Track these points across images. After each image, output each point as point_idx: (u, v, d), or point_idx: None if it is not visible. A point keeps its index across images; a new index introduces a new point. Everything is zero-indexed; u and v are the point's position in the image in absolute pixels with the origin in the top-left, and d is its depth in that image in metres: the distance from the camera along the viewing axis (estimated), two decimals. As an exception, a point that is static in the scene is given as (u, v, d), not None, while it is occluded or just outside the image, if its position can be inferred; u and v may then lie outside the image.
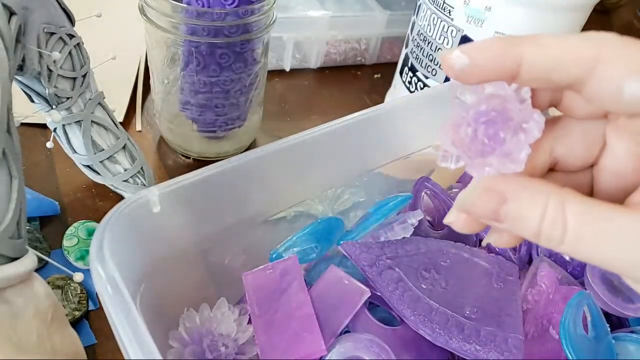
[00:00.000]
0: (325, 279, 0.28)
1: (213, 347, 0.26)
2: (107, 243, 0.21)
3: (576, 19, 0.40)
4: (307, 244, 0.30)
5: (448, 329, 0.25)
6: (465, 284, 0.28)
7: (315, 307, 0.26)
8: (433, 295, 0.27)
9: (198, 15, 0.37)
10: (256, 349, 0.26)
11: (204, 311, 0.27)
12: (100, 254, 0.21)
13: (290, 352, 0.25)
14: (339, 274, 0.28)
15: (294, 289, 0.27)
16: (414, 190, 0.35)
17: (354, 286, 0.27)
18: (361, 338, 0.25)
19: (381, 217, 0.32)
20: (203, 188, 0.26)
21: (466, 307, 0.27)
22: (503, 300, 0.28)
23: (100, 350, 0.32)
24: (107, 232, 0.22)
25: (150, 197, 0.24)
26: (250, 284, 0.27)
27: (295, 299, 0.27)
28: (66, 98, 0.35)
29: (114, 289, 0.20)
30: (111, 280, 0.21)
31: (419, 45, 0.45)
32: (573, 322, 0.26)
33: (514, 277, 0.30)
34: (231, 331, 0.26)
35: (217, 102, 0.42)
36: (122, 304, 0.20)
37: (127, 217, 0.23)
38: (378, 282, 0.27)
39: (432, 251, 0.29)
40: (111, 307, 0.20)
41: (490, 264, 0.30)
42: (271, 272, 0.28)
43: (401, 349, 0.26)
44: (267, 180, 0.29)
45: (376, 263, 0.28)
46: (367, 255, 0.28)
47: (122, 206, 0.23)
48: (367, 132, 0.32)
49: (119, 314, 0.20)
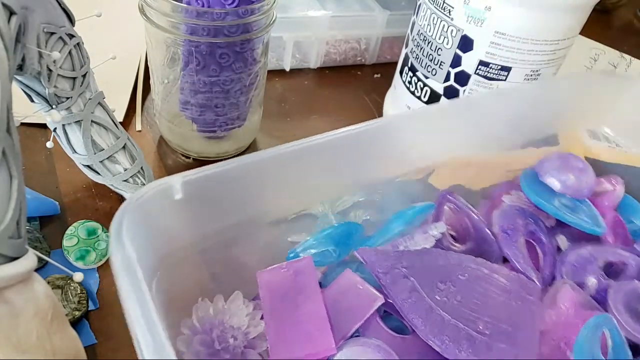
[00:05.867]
0: (339, 282, 0.28)
1: (222, 338, 0.26)
2: (127, 226, 0.21)
3: (576, 18, 0.40)
4: (324, 246, 0.30)
5: (458, 342, 0.25)
6: (482, 299, 0.28)
7: (328, 309, 0.26)
8: (446, 307, 0.26)
9: (198, 15, 0.37)
10: (266, 344, 0.26)
11: (218, 302, 0.27)
12: (119, 236, 0.21)
13: (299, 349, 0.25)
14: (354, 279, 0.28)
15: (308, 289, 0.27)
16: (437, 203, 0.34)
17: (368, 292, 0.27)
18: (369, 342, 0.25)
19: (402, 225, 0.32)
20: (226, 180, 0.26)
21: (480, 322, 0.26)
22: (520, 318, 0.27)
23: (100, 350, 0.32)
24: (127, 214, 0.22)
25: (173, 183, 0.24)
26: (264, 282, 0.28)
27: (308, 299, 0.27)
28: (66, 98, 0.35)
29: (130, 273, 0.20)
30: (127, 262, 0.21)
31: (419, 45, 0.45)
32: (589, 345, 0.25)
33: (534, 297, 0.29)
34: (242, 324, 0.27)
35: (217, 102, 0.42)
36: (137, 290, 0.20)
37: (149, 202, 0.23)
38: (391, 290, 0.27)
39: (450, 264, 0.29)
40: (125, 290, 0.20)
41: (510, 281, 0.29)
42: (285, 271, 0.28)
43: (409, 358, 0.26)
44: (290, 179, 0.29)
45: (391, 271, 0.27)
46: (382, 262, 0.28)
47: (144, 190, 0.23)
48: (390, 138, 0.31)
49: (132, 299, 0.20)
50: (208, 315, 0.27)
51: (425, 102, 0.46)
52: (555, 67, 0.43)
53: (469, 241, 0.34)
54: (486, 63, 0.41)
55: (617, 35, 0.80)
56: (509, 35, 0.39)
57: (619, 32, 0.82)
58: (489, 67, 0.41)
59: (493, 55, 0.41)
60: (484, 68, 0.42)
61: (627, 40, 0.74)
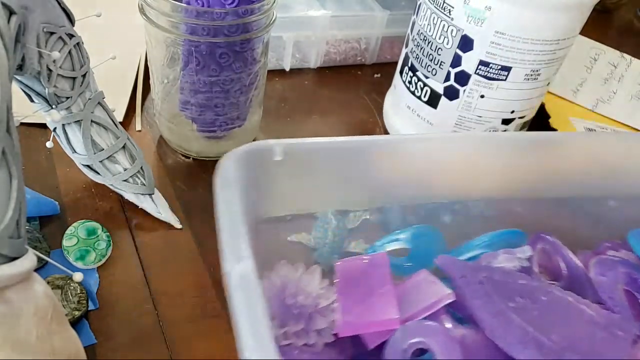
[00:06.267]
0: (413, 278, 0.29)
1: (293, 297, 0.27)
2: (233, 174, 0.23)
3: (576, 18, 0.40)
4: (401, 244, 0.32)
5: (525, 343, 0.24)
6: (561, 321, 0.26)
7: (398, 298, 0.27)
8: (519, 312, 0.25)
9: (198, 15, 0.37)
10: (333, 315, 0.27)
11: (299, 268, 0.29)
12: (226, 182, 0.22)
13: (366, 317, 0.26)
14: (428, 276, 0.28)
15: (380, 276, 0.28)
16: (530, 243, 0.33)
17: (440, 287, 0.27)
18: (432, 325, 0.26)
19: (487, 244, 0.31)
20: (321, 157, 0.28)
21: (554, 334, 0.25)
22: (603, 348, 0.25)
23: (100, 350, 0.32)
24: (232, 163, 0.23)
25: (274, 146, 0.25)
26: (341, 269, 0.29)
27: (380, 283, 0.28)
28: (66, 98, 0.35)
29: (233, 222, 0.21)
30: (232, 210, 0.22)
31: (419, 44, 0.45)
32: None
33: (625, 334, 0.26)
34: (314, 291, 0.28)
35: (216, 101, 0.42)
36: (238, 238, 0.21)
37: (250, 155, 0.24)
38: (466, 291, 0.27)
39: (532, 285, 0.28)
40: (227, 236, 0.21)
41: (599, 315, 0.27)
42: (362, 262, 0.29)
43: (468, 352, 0.26)
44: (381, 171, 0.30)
45: (469, 277, 0.27)
46: (460, 268, 0.28)
47: (246, 146, 0.24)
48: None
49: (231, 239, 0.21)
50: (286, 273, 0.29)
51: (426, 102, 0.46)
52: (556, 67, 0.43)
53: (560, 280, 0.32)
54: (486, 63, 0.41)
55: (617, 35, 0.80)
56: (509, 35, 0.39)
57: (619, 32, 0.82)
58: (489, 67, 0.41)
59: (493, 55, 0.41)
60: (484, 68, 0.42)
61: (627, 40, 0.74)
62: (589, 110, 0.59)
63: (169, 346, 0.33)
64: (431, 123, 0.47)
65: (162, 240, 0.39)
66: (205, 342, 0.33)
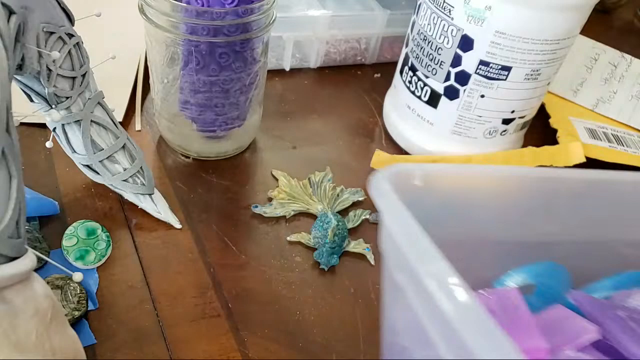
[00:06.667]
0: (549, 312, 0.26)
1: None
2: (386, 185, 0.22)
3: (576, 18, 0.40)
4: (529, 280, 0.29)
5: None
6: None
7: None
8: None
9: (197, 15, 0.37)
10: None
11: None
12: (383, 192, 0.22)
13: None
14: (566, 312, 0.26)
15: (516, 308, 0.25)
16: None
17: (585, 323, 0.25)
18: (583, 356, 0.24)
19: (618, 283, 0.30)
20: (460, 189, 0.26)
21: None
22: None
23: (100, 351, 0.32)
24: (383, 178, 0.23)
25: (416, 170, 0.24)
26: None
27: (518, 315, 0.25)
28: (65, 97, 0.35)
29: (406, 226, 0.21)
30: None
31: (419, 44, 0.45)
32: None
33: None
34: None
35: (216, 101, 0.42)
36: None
37: (395, 177, 0.24)
38: (605, 323, 0.25)
39: None
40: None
41: None
42: (491, 298, 0.27)
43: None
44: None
45: (607, 312, 0.25)
46: (596, 305, 0.26)
47: (393, 167, 0.24)
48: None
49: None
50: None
51: (426, 101, 0.46)
52: (556, 66, 0.43)
53: None
54: (486, 63, 0.41)
55: (617, 35, 0.80)
56: (509, 34, 0.39)
57: (619, 32, 0.82)
58: (489, 67, 0.41)
59: (493, 54, 0.41)
60: (485, 67, 0.42)
61: (627, 40, 0.74)
62: (589, 110, 0.59)
63: (169, 346, 0.33)
64: (431, 123, 0.47)
65: (162, 240, 0.39)
66: (205, 342, 0.33)
